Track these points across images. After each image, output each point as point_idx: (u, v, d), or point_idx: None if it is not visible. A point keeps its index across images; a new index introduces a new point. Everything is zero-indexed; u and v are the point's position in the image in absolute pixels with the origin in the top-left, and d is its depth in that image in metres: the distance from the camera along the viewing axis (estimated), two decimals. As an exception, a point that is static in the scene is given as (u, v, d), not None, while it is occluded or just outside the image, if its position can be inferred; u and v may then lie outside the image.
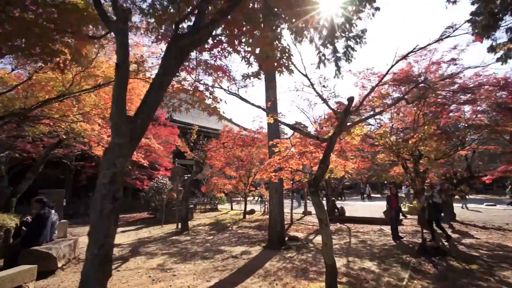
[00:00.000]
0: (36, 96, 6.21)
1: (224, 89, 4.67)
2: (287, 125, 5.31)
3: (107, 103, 8.33)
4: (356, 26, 4.57)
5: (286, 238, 8.20)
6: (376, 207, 17.89)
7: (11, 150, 14.07)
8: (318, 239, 8.85)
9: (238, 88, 4.69)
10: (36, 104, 6.13)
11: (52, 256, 5.42)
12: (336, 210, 13.26)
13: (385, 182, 36.29)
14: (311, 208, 17.10)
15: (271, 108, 7.41)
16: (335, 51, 5.01)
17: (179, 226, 10.83)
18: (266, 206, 16.40)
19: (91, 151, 9.32)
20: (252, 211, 16.36)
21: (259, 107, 5.33)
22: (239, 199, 15.97)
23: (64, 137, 8.94)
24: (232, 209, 18.57)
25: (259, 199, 17.93)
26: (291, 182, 12.14)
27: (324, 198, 26.55)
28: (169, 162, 18.21)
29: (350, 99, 4.32)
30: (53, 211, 6.42)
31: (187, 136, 14.30)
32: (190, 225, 12.17)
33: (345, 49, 4.96)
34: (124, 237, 9.60)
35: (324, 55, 5.05)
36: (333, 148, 4.79)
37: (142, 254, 7.14)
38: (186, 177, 12.92)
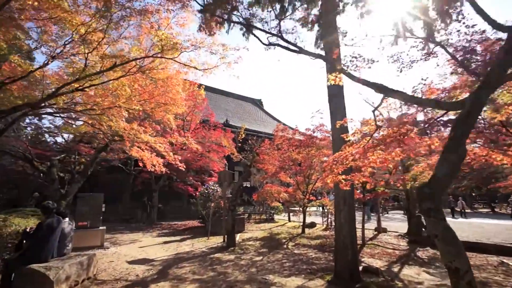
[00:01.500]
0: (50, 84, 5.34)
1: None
2: (371, 85, 3.20)
3: (143, 96, 7.29)
4: None
5: (360, 268, 5.87)
6: (477, 227, 13.85)
7: (70, 153, 14.51)
8: (407, 273, 6.26)
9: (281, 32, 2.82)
10: (50, 94, 5.19)
11: (48, 279, 4.19)
12: (423, 229, 10.19)
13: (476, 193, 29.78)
14: (385, 224, 14.05)
15: (334, 59, 5.00)
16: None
17: (226, 239, 9.25)
18: (330, 220, 13.95)
19: (129, 152, 8.44)
20: (312, 225, 14.05)
21: (313, 54, 3.35)
22: (297, 209, 13.86)
23: (101, 136, 8.23)
24: (289, 220, 16.46)
25: (321, 210, 15.50)
26: (361, 191, 9.59)
27: (397, 213, 22.64)
28: (222, 168, 17.10)
29: None
30: (66, 220, 5.35)
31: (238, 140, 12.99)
32: (239, 238, 10.54)
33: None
34: (162, 251, 8.38)
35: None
36: (476, 119, 2.55)
37: (169, 279, 5.63)
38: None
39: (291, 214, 16.92)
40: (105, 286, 5.17)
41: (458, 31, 4.57)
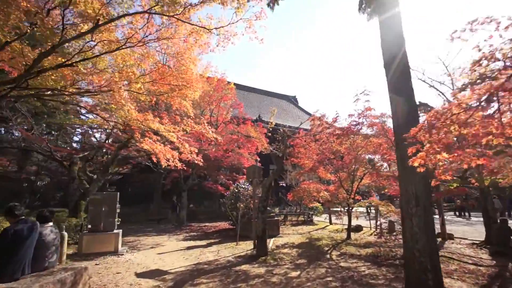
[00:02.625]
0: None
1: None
2: None
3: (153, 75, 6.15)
4: None
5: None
6: None
7: (99, 152, 14.12)
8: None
9: None
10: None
11: (4, 307, 3.08)
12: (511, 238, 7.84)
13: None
14: (451, 228, 11.58)
15: None
16: None
17: (256, 247, 7.81)
18: (379, 222, 11.90)
19: (139, 145, 7.38)
20: (358, 228, 12.09)
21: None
22: (339, 209, 12.01)
23: (111, 128, 7.28)
24: (331, 223, 14.58)
25: (368, 211, 13.43)
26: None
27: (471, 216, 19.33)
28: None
29: None
30: (49, 225, 4.28)
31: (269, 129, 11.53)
32: (272, 244, 9.05)
33: None
34: (182, 259, 7.17)
35: None
36: None
37: (177, 302, 4.33)
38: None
39: (331, 215, 15.02)
40: (95, 311, 4.00)
41: None
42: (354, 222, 12.14)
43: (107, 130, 10.58)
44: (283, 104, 34.68)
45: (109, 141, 13.55)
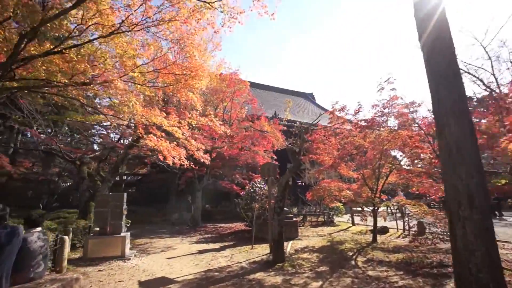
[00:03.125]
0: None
1: None
2: None
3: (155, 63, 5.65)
4: None
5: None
6: None
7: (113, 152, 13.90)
8: None
9: None
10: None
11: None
12: None
13: None
14: (499, 230, 10.33)
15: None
16: None
17: (272, 252, 7.14)
18: (406, 222, 10.91)
19: (143, 142, 6.88)
20: (384, 230, 11.12)
21: None
22: (361, 209, 11.10)
23: (116, 126, 6.85)
24: (353, 224, 13.64)
25: (392, 211, 12.44)
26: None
27: None
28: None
29: None
30: (36, 231, 3.81)
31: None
32: (290, 248, 8.35)
33: None
34: (192, 265, 6.62)
35: None
36: None
37: (178, 321, 3.73)
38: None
39: (354, 215, 14.07)
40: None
41: None
42: (380, 223, 11.20)
43: (119, 129, 10.26)
44: (299, 101, 33.78)
45: (124, 141, 13.32)
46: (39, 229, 3.87)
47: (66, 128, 17.99)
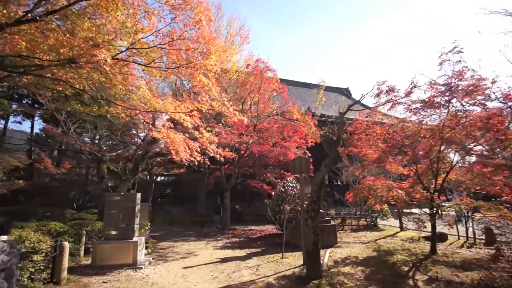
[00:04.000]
0: None
1: None
2: None
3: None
4: None
5: None
6: None
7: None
8: None
9: None
10: None
11: None
12: None
13: None
14: None
15: None
16: None
17: (306, 265, 5.89)
18: (470, 228, 9.03)
19: (149, 133, 5.99)
20: (442, 237, 9.29)
21: None
22: (418, 212, 9.34)
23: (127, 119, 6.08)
24: (402, 228, 11.80)
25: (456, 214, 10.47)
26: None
27: None
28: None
29: None
30: (1, 240, 3.01)
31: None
32: (329, 259, 7.02)
33: None
34: (210, 278, 5.60)
35: None
36: None
37: None
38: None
39: (402, 217, 12.19)
40: None
41: None
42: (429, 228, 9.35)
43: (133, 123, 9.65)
44: (334, 96, 31.80)
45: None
46: (4, 237, 3.07)
47: (89, 126, 18.10)
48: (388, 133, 7.27)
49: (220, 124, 11.44)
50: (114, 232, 6.22)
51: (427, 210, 7.58)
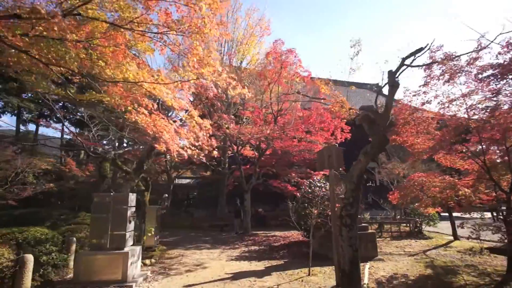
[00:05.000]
0: None
1: None
2: None
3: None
4: None
5: None
6: None
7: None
8: None
9: None
10: None
11: None
12: None
13: None
14: None
15: None
16: None
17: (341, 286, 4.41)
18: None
19: (128, 116, 4.72)
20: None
21: None
22: (477, 216, 7.41)
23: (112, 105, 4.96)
24: (456, 237, 9.76)
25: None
26: None
27: None
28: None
29: None
30: None
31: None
32: (369, 278, 5.48)
33: None
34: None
35: None
36: None
37: None
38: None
39: (455, 222, 10.14)
40: None
41: None
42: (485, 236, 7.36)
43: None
44: (363, 93, 29.64)
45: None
46: None
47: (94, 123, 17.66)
48: (442, 116, 5.57)
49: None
50: (101, 241, 5.14)
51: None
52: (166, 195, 14.01)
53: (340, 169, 5.90)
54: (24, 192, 10.81)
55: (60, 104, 18.33)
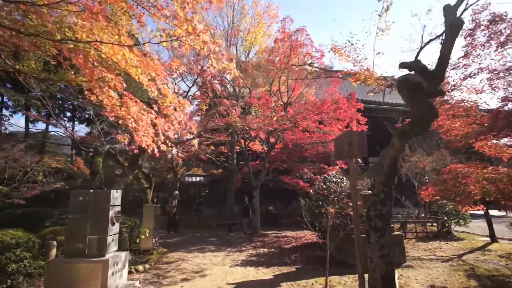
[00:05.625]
0: None
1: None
2: None
3: None
4: None
5: None
6: None
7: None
8: None
9: None
10: None
11: None
12: None
13: None
14: None
15: None
16: None
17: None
18: None
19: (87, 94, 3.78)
20: None
21: None
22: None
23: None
24: (493, 238, 8.54)
25: None
26: None
27: None
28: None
29: None
30: None
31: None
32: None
33: None
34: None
35: None
36: None
37: None
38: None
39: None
40: None
41: None
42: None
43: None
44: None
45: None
46: None
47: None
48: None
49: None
50: (78, 246, 4.35)
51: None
52: (177, 192, 13.28)
53: (359, 161, 4.96)
54: (32, 191, 10.38)
55: (69, 103, 18.01)
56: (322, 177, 8.63)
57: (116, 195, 4.75)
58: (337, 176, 8.46)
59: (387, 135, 7.07)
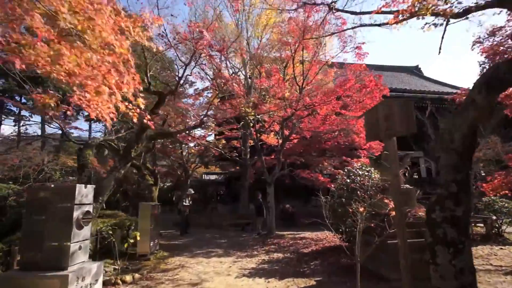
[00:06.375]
0: None
1: None
2: None
3: None
4: None
5: None
6: None
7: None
8: None
9: None
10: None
11: None
12: None
13: None
14: None
15: None
16: None
17: None
18: None
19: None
20: None
21: None
22: None
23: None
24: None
25: None
26: None
27: None
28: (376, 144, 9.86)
29: None
30: None
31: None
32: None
33: None
34: None
35: None
36: None
37: None
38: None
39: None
40: None
41: None
42: None
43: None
44: (402, 77, 26.17)
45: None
46: None
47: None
48: None
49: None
50: (34, 256, 3.40)
51: None
52: (192, 191, 12.40)
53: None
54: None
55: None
56: (346, 170, 7.37)
57: (84, 191, 3.77)
58: (363, 168, 7.18)
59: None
